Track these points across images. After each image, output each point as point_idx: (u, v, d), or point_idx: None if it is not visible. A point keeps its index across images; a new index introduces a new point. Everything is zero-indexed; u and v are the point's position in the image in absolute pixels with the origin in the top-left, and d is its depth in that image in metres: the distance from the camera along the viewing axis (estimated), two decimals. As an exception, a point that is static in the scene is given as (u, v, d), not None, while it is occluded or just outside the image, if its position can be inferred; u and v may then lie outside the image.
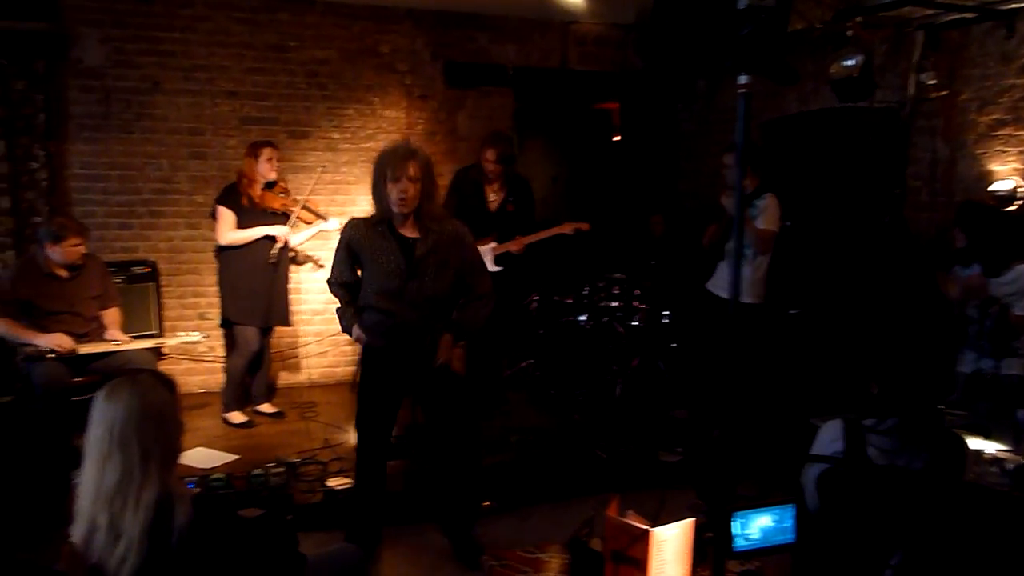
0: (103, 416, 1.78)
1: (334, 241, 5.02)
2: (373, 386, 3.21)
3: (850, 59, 4.24)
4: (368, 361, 3.24)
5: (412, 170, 2.90)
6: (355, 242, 3.07)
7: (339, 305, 3.21)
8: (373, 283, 3.06)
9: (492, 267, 4.80)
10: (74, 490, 1.80)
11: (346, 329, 3.18)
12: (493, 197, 4.77)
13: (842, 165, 5.14)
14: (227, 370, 4.73)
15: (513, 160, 4.76)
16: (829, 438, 2.23)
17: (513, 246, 4.79)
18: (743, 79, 1.52)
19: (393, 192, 2.90)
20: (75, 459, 1.85)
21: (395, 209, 2.93)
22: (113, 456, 1.75)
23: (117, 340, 4.17)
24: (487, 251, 4.75)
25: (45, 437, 3.88)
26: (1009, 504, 2.48)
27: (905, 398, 2.13)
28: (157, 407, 1.82)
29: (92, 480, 1.75)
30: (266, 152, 4.52)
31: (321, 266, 5.58)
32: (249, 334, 4.61)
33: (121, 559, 1.72)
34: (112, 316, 4.31)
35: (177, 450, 1.91)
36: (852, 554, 2.01)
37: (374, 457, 3.26)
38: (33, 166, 4.90)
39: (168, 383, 1.91)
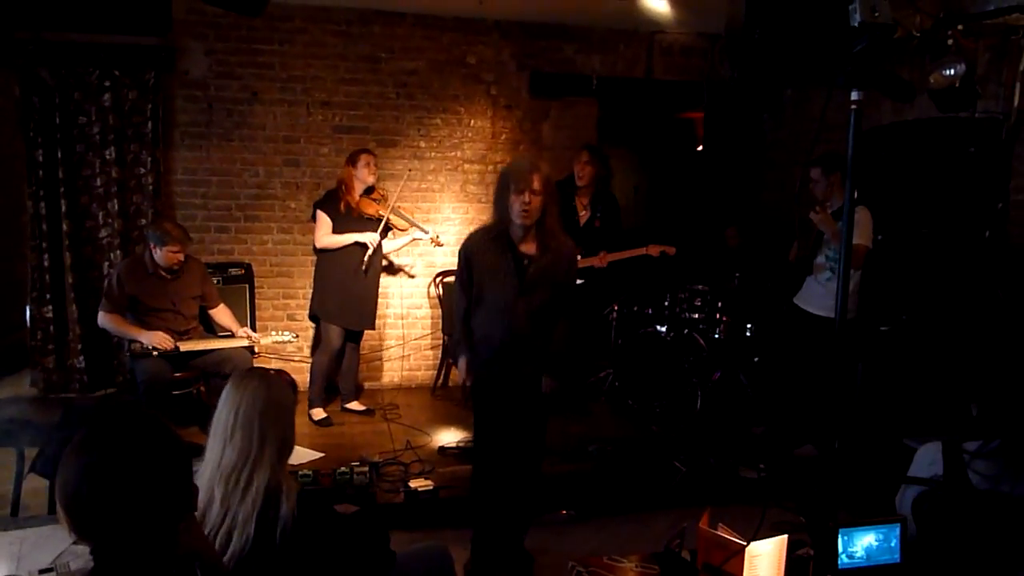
0: (232, 399, 1.93)
1: (420, 248, 5.14)
2: (486, 412, 3.27)
3: (951, 68, 4.08)
4: (477, 387, 3.29)
5: (536, 183, 2.95)
6: (472, 253, 3.11)
7: (457, 326, 3.25)
8: (485, 295, 3.10)
9: None
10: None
11: (455, 355, 3.27)
12: (583, 212, 4.82)
13: (940, 177, 4.94)
14: (312, 367, 4.91)
15: (608, 179, 4.82)
16: (927, 461, 2.16)
17: (597, 261, 4.82)
18: (856, 95, 1.51)
19: (516, 203, 2.95)
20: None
21: (517, 220, 2.98)
22: (236, 435, 1.89)
23: (248, 336, 4.41)
24: None
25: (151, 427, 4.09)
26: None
27: (1009, 419, 2.05)
28: (280, 400, 1.97)
29: (214, 457, 1.89)
30: (363, 158, 4.72)
31: (412, 276, 5.72)
32: (333, 332, 4.77)
33: (226, 538, 1.81)
34: (225, 316, 4.53)
35: (291, 446, 2.02)
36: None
37: (491, 481, 3.31)
38: (141, 171, 5.20)
39: (292, 384, 2.04)
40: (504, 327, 3.07)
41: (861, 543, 1.71)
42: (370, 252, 4.75)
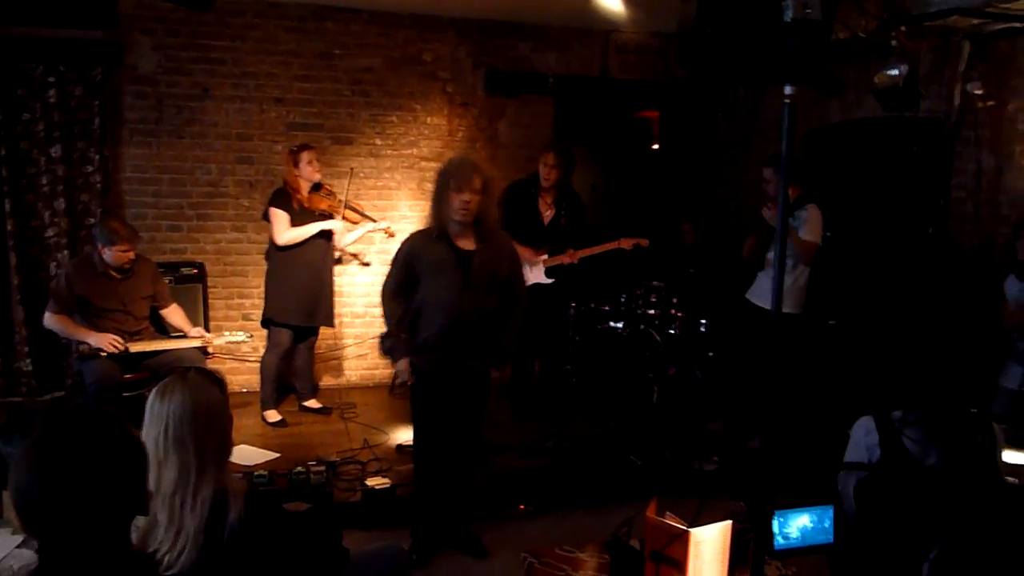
0: (158, 417, 1.83)
1: (378, 245, 5.14)
2: (427, 409, 3.31)
3: (895, 69, 4.20)
4: (419, 386, 3.30)
5: (477, 182, 3.06)
6: (414, 255, 3.18)
7: (385, 328, 3.35)
8: (430, 295, 3.15)
9: (543, 279, 4.85)
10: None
11: (392, 354, 3.29)
12: (546, 211, 4.85)
13: (885, 175, 5.09)
14: (261, 368, 4.86)
15: (570, 172, 4.85)
16: (863, 431, 2.27)
17: (566, 258, 4.84)
18: (789, 89, 1.55)
19: (456, 201, 3.05)
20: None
21: (456, 218, 3.08)
22: (169, 456, 1.80)
23: (202, 337, 4.36)
24: (538, 263, 4.81)
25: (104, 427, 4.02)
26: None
27: (925, 390, 2.16)
28: (208, 405, 1.87)
29: (151, 480, 1.77)
30: (305, 155, 4.65)
31: (366, 263, 5.68)
32: (282, 333, 4.73)
33: (179, 553, 1.76)
34: (177, 314, 4.46)
35: (229, 445, 1.97)
36: (891, 552, 2.03)
37: (434, 475, 3.36)
38: (88, 169, 5.09)
39: (217, 380, 1.97)
40: (451, 323, 3.13)
41: (796, 524, 1.77)
42: (336, 237, 4.73)
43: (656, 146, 6.80)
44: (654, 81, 6.20)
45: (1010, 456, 2.77)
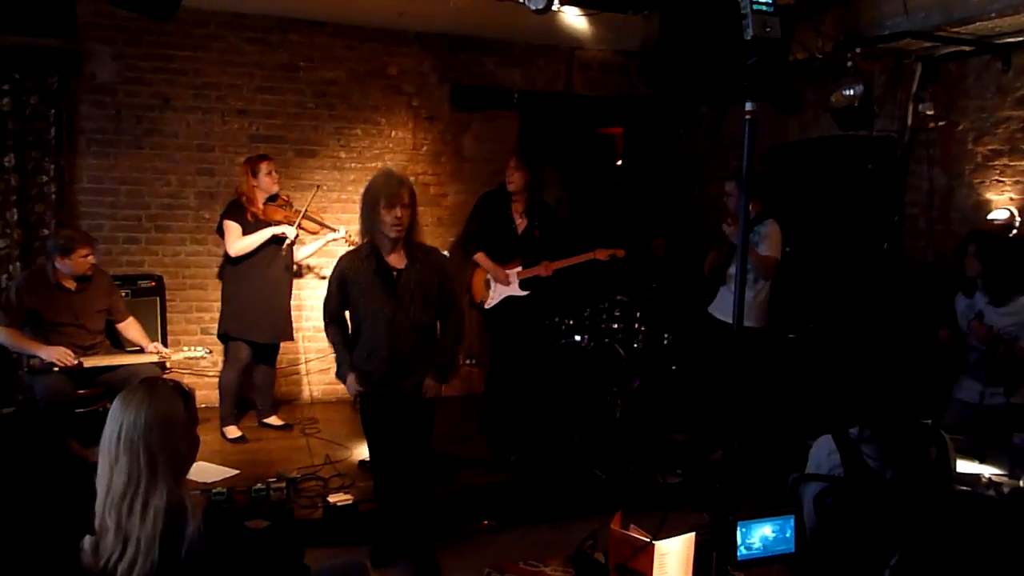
0: (115, 419, 1.82)
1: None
2: (376, 427, 3.36)
3: (850, 89, 4.33)
4: (366, 405, 3.36)
5: (406, 197, 3.10)
6: (346, 277, 3.22)
7: (335, 350, 3.36)
8: (365, 316, 3.20)
9: (517, 291, 4.83)
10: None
11: (341, 376, 3.30)
12: (519, 221, 4.83)
13: (842, 192, 5.22)
14: (220, 384, 4.78)
15: (540, 186, 4.85)
16: (825, 451, 2.30)
17: (542, 271, 4.83)
18: (750, 106, 1.59)
19: (388, 218, 3.07)
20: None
21: (390, 235, 3.11)
22: (120, 459, 1.78)
23: (160, 352, 4.28)
24: (513, 275, 4.79)
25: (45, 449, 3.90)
26: (996, 507, 2.56)
27: (879, 405, 2.21)
28: (166, 416, 1.85)
29: (103, 481, 1.78)
30: (264, 166, 4.61)
31: (323, 277, 5.63)
32: (241, 348, 4.67)
33: (129, 565, 1.74)
34: (133, 329, 4.37)
35: (187, 461, 1.94)
36: (853, 561, 2.06)
37: (389, 491, 3.39)
38: (43, 179, 4.96)
39: (185, 394, 1.94)
40: (385, 341, 3.17)
41: (758, 534, 1.79)
42: (288, 242, 4.66)
43: (620, 162, 6.88)
44: (617, 97, 6.28)
45: (962, 466, 2.85)
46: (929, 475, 2.20)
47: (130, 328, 4.37)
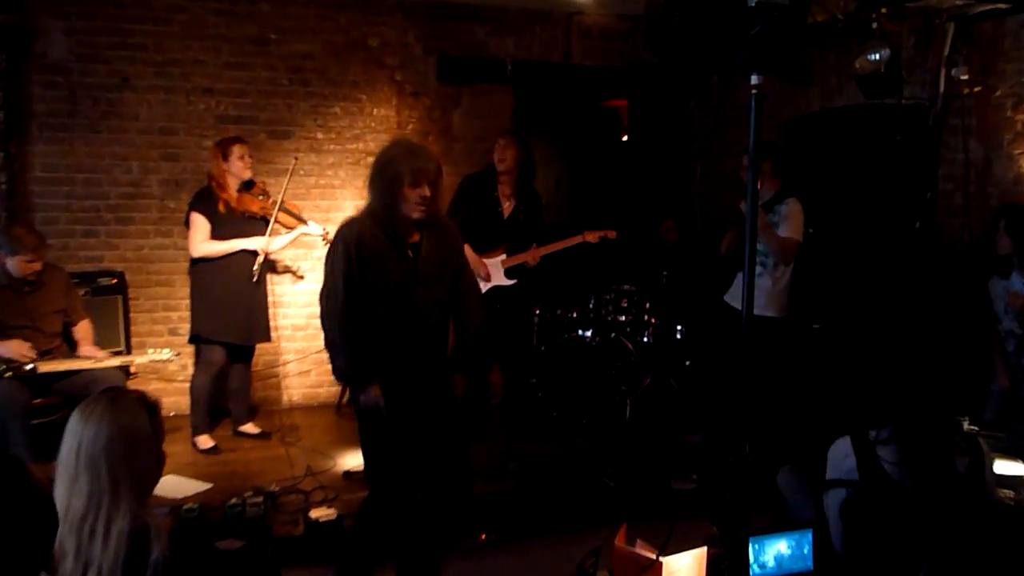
0: (73, 433, 1.81)
1: (319, 251, 5.03)
2: (391, 428, 3.10)
3: (875, 53, 4.29)
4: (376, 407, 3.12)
5: (433, 172, 2.96)
6: (359, 246, 2.97)
7: (341, 353, 3.04)
8: (379, 292, 3.01)
9: (504, 280, 4.83)
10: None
11: (359, 384, 3.04)
12: (506, 204, 4.82)
13: (868, 167, 5.19)
14: (191, 390, 4.78)
15: (531, 170, 4.83)
16: (842, 454, 2.28)
17: (528, 257, 4.82)
18: (755, 79, 1.57)
19: (413, 197, 2.92)
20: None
21: (414, 216, 2.95)
22: (80, 478, 1.77)
23: (93, 356, 4.22)
24: (498, 263, 4.79)
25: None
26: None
27: (902, 402, 2.19)
28: (131, 430, 1.85)
29: (61, 503, 1.77)
30: (236, 149, 4.57)
31: (301, 277, 5.63)
32: (215, 351, 4.66)
33: None
34: (83, 331, 4.36)
35: (153, 479, 1.94)
36: (880, 574, 2.05)
37: (394, 500, 3.18)
38: (-9, 169, 4.96)
39: (151, 407, 1.93)
40: (409, 327, 3.04)
41: (772, 551, 1.79)
42: (261, 259, 4.64)
43: (625, 137, 6.85)
44: (621, 67, 6.25)
45: (1001, 467, 2.84)
46: (953, 486, 2.17)
47: (81, 330, 4.36)
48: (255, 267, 4.63)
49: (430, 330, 3.10)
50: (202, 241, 4.51)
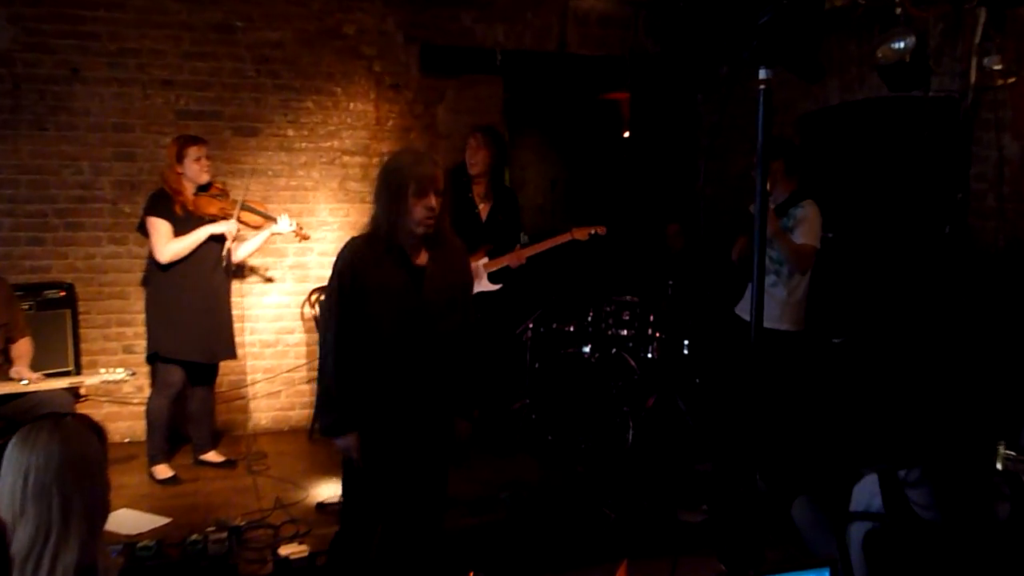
0: (17, 463, 1.81)
1: (292, 258, 5.05)
2: (376, 467, 3.12)
3: (900, 41, 4.33)
4: (368, 443, 3.12)
5: (441, 181, 2.96)
6: (362, 269, 2.98)
7: (332, 389, 3.05)
8: (380, 325, 3.01)
9: (487, 285, 4.86)
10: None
11: (335, 429, 3.05)
12: (481, 205, 4.87)
13: (893, 165, 5.22)
14: (147, 413, 4.77)
15: (502, 165, 4.87)
16: (868, 494, 2.28)
17: (511, 260, 4.85)
18: (763, 73, 1.59)
19: (419, 209, 2.91)
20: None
21: (419, 230, 2.95)
22: (27, 510, 1.78)
23: (25, 379, 4.20)
24: (479, 267, 4.84)
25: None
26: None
27: (930, 438, 2.18)
28: (83, 455, 1.86)
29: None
30: (193, 150, 4.60)
31: (269, 280, 5.64)
32: (173, 371, 4.66)
33: None
34: (21, 349, 4.34)
35: (105, 510, 1.95)
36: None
37: (367, 539, 3.22)
38: (-74, 170, 4.96)
39: (97, 430, 1.94)
40: (409, 361, 3.03)
41: (785, 592, 1.79)
42: (229, 245, 4.67)
43: (627, 134, 6.89)
44: (622, 57, 6.28)
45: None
46: (994, 536, 2.15)
47: (18, 348, 4.34)
48: (223, 252, 4.66)
49: (434, 369, 3.08)
50: (167, 243, 4.53)
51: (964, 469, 2.19)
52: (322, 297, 5.57)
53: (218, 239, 4.66)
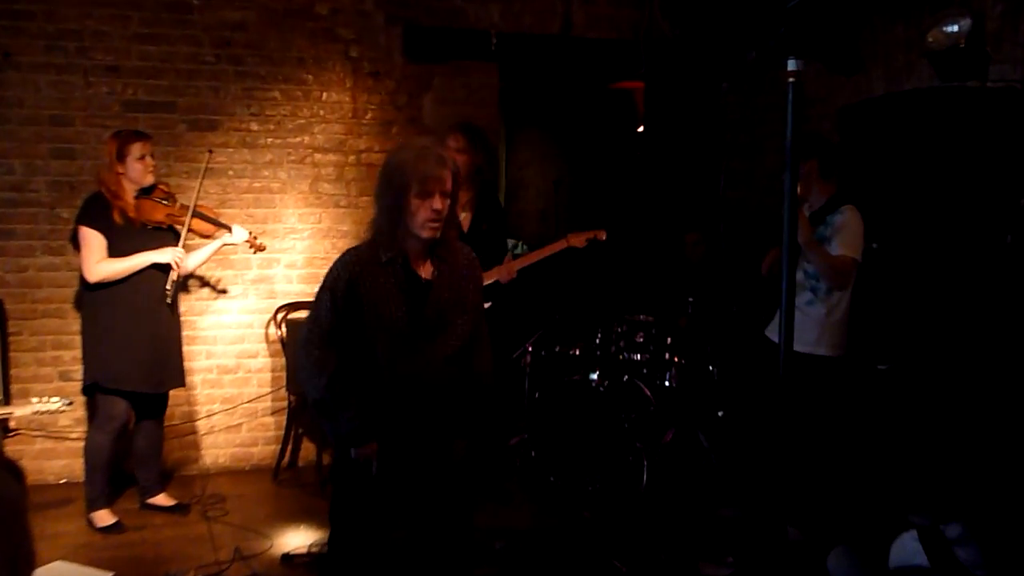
0: None
1: (256, 271, 5.06)
2: (372, 499, 3.18)
3: (953, 24, 4.36)
4: (362, 470, 3.17)
5: (448, 181, 2.98)
6: (360, 282, 3.03)
7: (325, 395, 3.08)
8: (378, 341, 3.06)
9: None
10: None
11: (349, 440, 3.10)
12: (463, 214, 4.88)
13: (946, 165, 5.23)
14: (86, 452, 4.76)
15: (488, 162, 4.88)
16: (911, 551, 2.28)
17: (501, 274, 4.86)
18: (792, 65, 1.59)
19: (422, 212, 2.94)
20: None
21: (423, 234, 2.98)
22: None
23: None
24: None
25: None
26: None
27: (972, 495, 2.19)
28: (5, 500, 1.85)
29: None
30: (136, 147, 4.60)
31: (223, 291, 5.64)
32: (114, 403, 4.65)
33: None
34: None
35: (29, 563, 1.94)
36: None
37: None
38: None
39: (13, 470, 1.94)
40: (413, 380, 3.08)
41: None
42: (174, 278, 4.68)
43: (641, 128, 6.91)
44: (635, 41, 6.31)
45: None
46: None
47: None
48: (168, 285, 4.66)
49: (437, 391, 3.13)
50: (98, 261, 4.52)
51: (1013, 526, 2.20)
52: (289, 316, 5.58)
53: (162, 268, 4.66)
